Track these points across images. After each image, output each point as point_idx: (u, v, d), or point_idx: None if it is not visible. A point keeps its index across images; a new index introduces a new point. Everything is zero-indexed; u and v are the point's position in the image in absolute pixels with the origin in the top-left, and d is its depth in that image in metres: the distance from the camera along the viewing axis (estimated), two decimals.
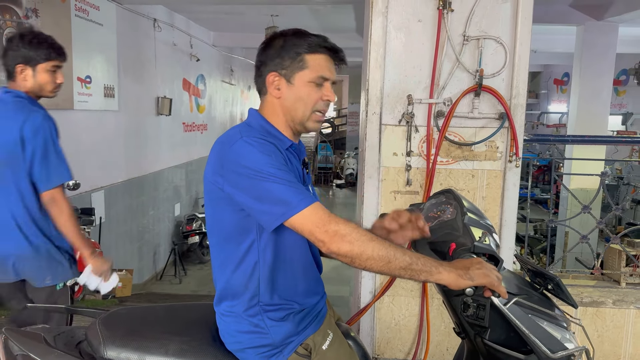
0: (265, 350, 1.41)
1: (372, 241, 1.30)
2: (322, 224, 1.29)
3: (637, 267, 3.00)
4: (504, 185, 2.74)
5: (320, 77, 1.44)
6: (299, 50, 1.44)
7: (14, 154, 2.20)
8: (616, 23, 6.92)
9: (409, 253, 1.32)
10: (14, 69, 2.27)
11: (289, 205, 1.30)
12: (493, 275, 1.33)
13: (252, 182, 1.32)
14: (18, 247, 2.24)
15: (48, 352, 1.36)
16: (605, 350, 2.92)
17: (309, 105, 1.46)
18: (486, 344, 1.50)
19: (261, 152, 1.34)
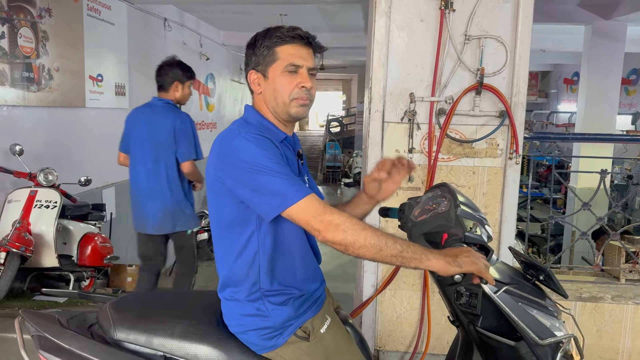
0: (266, 332, 1.49)
1: (364, 230, 1.37)
2: (317, 214, 1.37)
3: (637, 263, 3.04)
4: (504, 182, 2.79)
5: (290, 65, 1.51)
6: (269, 44, 1.53)
7: (169, 139, 3.33)
8: (624, 22, 6.91)
9: (400, 241, 1.39)
10: (170, 84, 3.40)
11: (286, 197, 1.37)
12: (480, 263, 1.39)
13: (251, 175, 1.39)
14: (167, 203, 3.46)
15: (62, 333, 1.45)
16: (603, 345, 2.96)
17: (285, 95, 1.52)
18: (479, 332, 1.57)
19: (258, 147, 1.42)
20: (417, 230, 1.63)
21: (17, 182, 4.26)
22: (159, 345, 1.47)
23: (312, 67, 1.55)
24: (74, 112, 5.16)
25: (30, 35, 4.46)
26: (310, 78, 1.54)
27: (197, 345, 1.48)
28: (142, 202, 3.59)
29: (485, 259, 1.44)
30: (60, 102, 4.90)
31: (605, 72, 7.08)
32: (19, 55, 4.33)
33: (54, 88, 4.78)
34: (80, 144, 5.22)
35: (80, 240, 4.63)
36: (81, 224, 4.73)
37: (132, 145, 3.52)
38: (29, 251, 3.82)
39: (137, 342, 1.47)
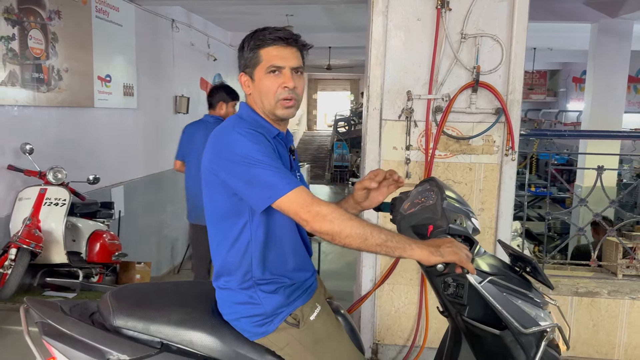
0: (258, 320, 1.55)
1: (350, 220, 1.43)
2: (305, 205, 1.43)
3: (634, 259, 3.06)
4: (500, 178, 2.83)
5: (271, 66, 1.55)
6: (253, 47, 1.58)
7: None
8: (631, 20, 6.89)
9: (385, 231, 1.44)
10: (217, 103, 3.99)
11: (276, 189, 1.43)
12: (462, 253, 1.44)
13: (244, 168, 1.46)
14: None
15: (64, 319, 1.52)
16: (600, 340, 2.99)
17: (270, 96, 1.57)
18: (465, 321, 1.62)
19: (251, 141, 1.48)
20: (405, 223, 1.68)
21: (27, 180, 4.36)
22: (156, 332, 1.54)
23: (295, 66, 1.58)
24: (83, 112, 5.25)
25: (40, 37, 4.56)
26: (295, 77, 1.59)
27: (192, 332, 1.55)
28: (196, 200, 3.96)
29: (469, 250, 1.49)
30: (70, 102, 5.00)
31: (611, 70, 7.07)
32: (29, 57, 4.43)
33: (63, 88, 4.88)
34: (89, 144, 5.32)
35: (89, 238, 4.71)
36: (90, 222, 4.81)
37: (189, 154, 4.08)
38: (39, 247, 3.91)
39: (135, 329, 1.54)
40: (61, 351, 1.47)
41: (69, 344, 1.48)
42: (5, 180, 4.27)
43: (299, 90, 1.61)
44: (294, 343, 1.55)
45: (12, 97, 4.28)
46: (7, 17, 4.18)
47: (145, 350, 1.50)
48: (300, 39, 1.60)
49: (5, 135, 4.23)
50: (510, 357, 1.60)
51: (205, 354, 1.54)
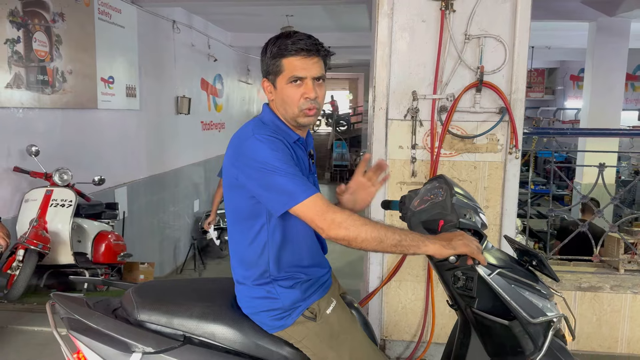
0: (276, 314, 1.61)
1: (365, 225, 1.48)
2: (321, 213, 1.48)
3: (635, 254, 3.12)
4: (504, 176, 2.88)
5: (293, 77, 1.58)
6: (276, 56, 1.59)
7: None
8: (628, 19, 6.95)
9: (398, 231, 1.50)
10: None
11: (293, 196, 1.49)
12: (473, 245, 1.50)
13: (262, 174, 1.51)
14: None
15: (90, 314, 1.57)
16: (603, 334, 3.05)
17: (293, 106, 1.60)
18: (475, 313, 1.67)
19: (270, 148, 1.52)
20: (416, 219, 1.74)
21: (33, 182, 4.40)
22: (179, 325, 1.60)
23: (317, 75, 1.60)
24: (86, 114, 5.30)
25: (45, 39, 4.60)
26: (317, 86, 1.61)
27: (214, 325, 1.60)
28: None
29: (479, 242, 1.55)
30: (74, 104, 5.04)
31: (609, 68, 7.14)
32: (33, 59, 4.47)
33: (67, 90, 4.92)
34: (92, 145, 5.36)
35: (94, 238, 4.76)
36: (95, 223, 4.86)
37: None
38: (46, 248, 3.95)
39: (159, 323, 1.60)
40: (88, 345, 1.52)
41: (95, 337, 1.53)
42: (11, 182, 4.32)
43: (321, 99, 1.63)
44: (311, 336, 1.61)
45: (18, 99, 4.32)
46: (12, 20, 4.22)
47: (169, 343, 1.55)
48: (322, 47, 1.61)
49: (11, 137, 4.27)
50: (518, 346, 1.65)
51: (227, 346, 1.60)
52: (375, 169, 1.82)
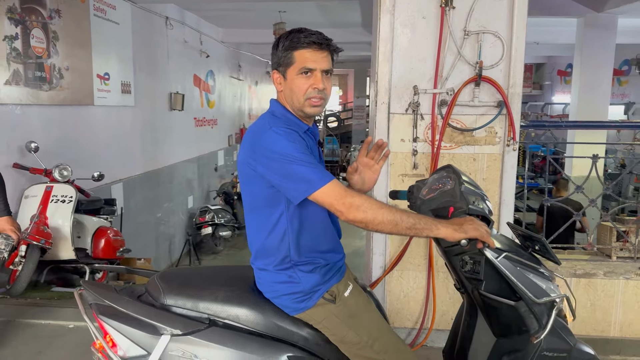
0: (297, 297, 1.69)
1: (381, 208, 1.57)
2: (340, 197, 1.56)
3: (627, 242, 3.24)
4: (502, 167, 2.98)
5: (304, 68, 1.67)
6: (288, 49, 1.69)
7: None
8: (615, 15, 7.08)
9: (412, 215, 1.60)
10: None
11: (312, 183, 1.57)
12: (482, 229, 1.60)
13: (281, 164, 1.59)
14: None
15: (119, 299, 1.64)
16: (597, 318, 3.17)
17: (300, 95, 1.69)
18: (482, 295, 1.77)
19: (287, 140, 1.61)
20: (425, 207, 1.82)
21: (31, 178, 4.42)
22: (205, 309, 1.68)
23: (326, 68, 1.70)
24: (83, 110, 5.31)
25: (42, 36, 4.61)
26: (325, 78, 1.70)
27: (237, 308, 1.69)
28: None
29: (486, 226, 1.64)
30: (71, 100, 5.06)
31: (597, 63, 7.27)
32: (31, 56, 4.49)
33: (64, 87, 4.94)
34: (89, 141, 5.38)
35: (93, 234, 4.79)
36: (94, 218, 4.89)
37: None
38: (49, 243, 3.98)
39: (185, 307, 1.67)
40: (117, 329, 1.59)
41: (124, 321, 1.60)
42: (10, 178, 4.32)
43: (328, 91, 1.72)
44: (330, 317, 1.69)
45: (17, 96, 4.34)
46: (10, 17, 4.23)
47: (195, 326, 1.63)
48: (332, 43, 1.71)
49: (9, 134, 4.29)
50: (523, 326, 1.76)
51: (250, 327, 1.68)
52: (376, 148, 1.92)
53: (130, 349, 1.60)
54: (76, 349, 3.09)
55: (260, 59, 12.52)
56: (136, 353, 1.60)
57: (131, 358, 1.60)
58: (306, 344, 1.72)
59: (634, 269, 3.15)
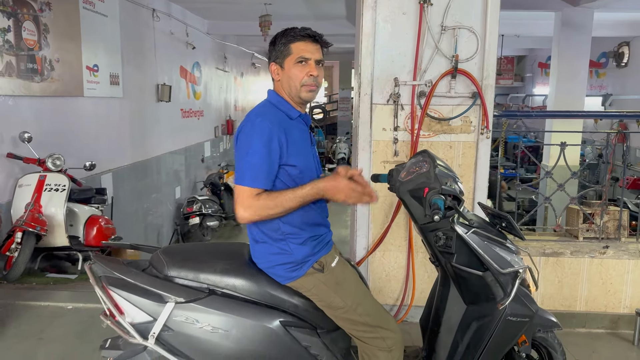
0: (290, 266, 1.89)
1: (268, 210, 1.79)
2: (241, 202, 1.80)
3: (592, 223, 3.47)
4: (477, 154, 3.19)
5: (300, 57, 1.88)
6: (285, 42, 1.92)
7: None
8: (591, 9, 7.31)
9: (293, 195, 1.81)
10: None
11: (240, 177, 1.82)
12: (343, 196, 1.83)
13: (243, 150, 1.83)
14: None
15: (128, 271, 1.82)
16: (564, 294, 3.41)
17: (297, 81, 1.91)
18: (454, 267, 1.98)
19: (260, 131, 1.81)
20: (404, 188, 2.02)
21: (25, 167, 4.53)
22: (205, 279, 1.86)
23: (319, 59, 1.92)
24: (73, 102, 5.41)
25: (33, 28, 4.70)
26: (318, 68, 1.92)
27: (235, 278, 1.87)
28: None
29: (458, 204, 1.85)
30: (62, 91, 5.15)
31: (574, 56, 7.50)
32: (23, 48, 4.58)
33: (55, 78, 5.03)
34: (79, 132, 5.48)
35: (85, 222, 4.91)
36: (85, 207, 5.00)
37: None
38: (44, 230, 4.11)
39: (187, 278, 1.86)
40: (125, 298, 1.77)
41: (132, 291, 1.77)
42: (4, 167, 4.43)
43: (320, 79, 1.94)
44: (319, 285, 1.89)
45: (9, 87, 4.42)
46: (2, 10, 4.31)
47: (197, 294, 1.81)
48: (323, 38, 1.94)
49: (3, 125, 4.38)
50: (490, 294, 1.97)
51: (246, 296, 1.87)
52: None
53: (137, 315, 1.78)
54: (76, 327, 3.25)
55: (245, 50, 12.59)
56: (143, 319, 1.78)
57: (139, 324, 1.78)
58: (296, 310, 1.92)
59: (598, 248, 3.39)
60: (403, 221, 3.28)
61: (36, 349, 3.00)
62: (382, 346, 1.90)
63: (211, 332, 1.80)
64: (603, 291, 3.41)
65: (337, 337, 1.98)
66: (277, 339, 1.85)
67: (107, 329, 1.85)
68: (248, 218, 1.79)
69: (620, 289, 3.40)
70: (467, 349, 2.07)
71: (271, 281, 1.90)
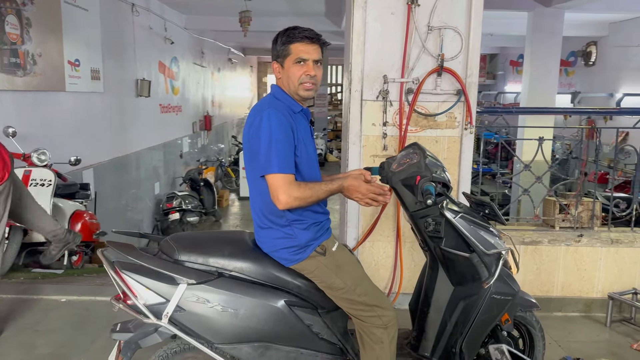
0: (294, 250, 2.01)
1: (309, 198, 1.92)
2: (283, 189, 1.90)
3: (568, 214, 3.68)
4: (461, 148, 3.35)
5: (299, 58, 2.00)
6: (286, 42, 2.03)
7: None
8: (562, 9, 7.59)
9: (326, 186, 1.96)
10: None
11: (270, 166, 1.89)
12: (359, 195, 2.00)
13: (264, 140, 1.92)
14: None
15: (141, 256, 1.91)
16: (542, 280, 3.61)
17: (295, 80, 2.03)
18: (442, 250, 2.15)
19: (278, 121, 1.90)
20: (396, 178, 2.17)
21: None
22: (214, 263, 1.98)
23: (317, 59, 2.03)
24: (55, 96, 5.38)
25: (16, 22, 4.67)
26: (316, 67, 2.04)
27: (242, 262, 1.99)
28: None
29: (447, 191, 2.01)
30: (44, 86, 5.12)
31: (546, 54, 7.77)
32: (6, 42, 4.55)
33: (37, 73, 5.00)
34: (61, 127, 5.45)
35: (70, 217, 4.90)
36: (70, 202, 4.99)
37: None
38: None
39: (196, 261, 1.97)
40: (139, 281, 1.86)
41: (145, 275, 1.87)
42: None
43: (318, 77, 2.06)
44: (321, 267, 2.02)
45: None
46: None
47: (207, 277, 1.93)
48: (322, 38, 2.05)
49: None
50: (476, 274, 2.16)
51: (252, 277, 2.00)
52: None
53: (150, 297, 1.87)
54: (72, 319, 3.29)
55: (222, 45, 12.58)
56: (156, 301, 1.88)
57: (151, 305, 1.87)
58: (299, 290, 2.05)
59: (573, 237, 3.60)
60: (391, 213, 3.42)
61: (33, 340, 3.04)
62: (379, 323, 2.03)
63: (221, 311, 1.91)
64: (578, 277, 3.62)
65: (336, 316, 2.13)
66: (282, 317, 1.98)
67: (104, 319, 1.93)
68: (290, 204, 1.88)
69: (593, 274, 3.62)
70: (455, 326, 2.24)
71: (276, 264, 2.03)
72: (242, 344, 1.95)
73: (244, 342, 1.96)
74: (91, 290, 3.72)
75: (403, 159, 2.24)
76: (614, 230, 3.73)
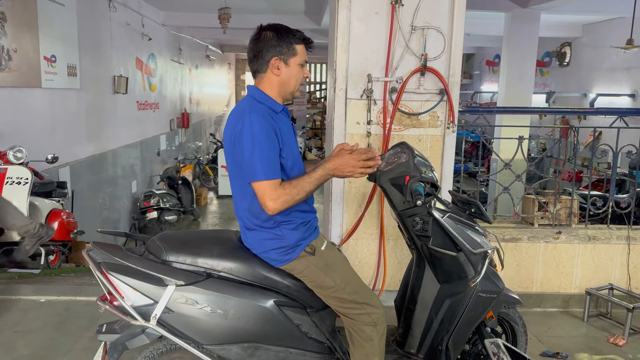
0: (283, 250, 2.01)
1: (296, 195, 1.90)
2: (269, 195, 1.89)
3: (547, 211, 3.76)
4: (443, 147, 3.39)
5: (304, 61, 2.05)
6: (291, 41, 2.01)
7: None
8: (539, 10, 7.73)
9: (312, 178, 1.93)
10: None
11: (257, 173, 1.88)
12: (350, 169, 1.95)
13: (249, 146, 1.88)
14: None
15: (128, 256, 1.88)
16: (522, 276, 3.68)
17: (297, 82, 2.06)
18: (430, 249, 2.17)
19: (260, 126, 1.87)
20: (384, 177, 2.18)
21: None
22: (202, 263, 1.96)
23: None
24: (31, 93, 5.27)
25: None
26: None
27: (231, 262, 1.98)
28: None
29: (435, 190, 2.05)
30: (20, 82, 5.01)
31: (522, 55, 7.91)
32: None
33: (13, 69, 4.89)
34: (37, 124, 5.34)
35: (47, 216, 4.81)
36: (46, 201, 4.90)
37: None
38: None
39: (185, 262, 1.95)
40: (126, 282, 1.84)
41: (133, 276, 1.84)
42: None
43: None
44: (310, 267, 2.02)
45: None
46: None
47: (195, 277, 1.91)
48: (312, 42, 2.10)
49: None
50: (463, 272, 2.19)
51: (241, 278, 1.99)
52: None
53: (138, 299, 1.85)
54: (52, 319, 3.23)
55: (200, 42, 12.45)
56: (144, 302, 1.85)
57: (139, 306, 1.85)
58: (289, 291, 2.05)
59: (552, 234, 3.69)
60: (375, 211, 3.45)
61: (13, 341, 2.97)
62: (368, 321, 2.05)
63: (210, 312, 1.90)
64: (556, 273, 3.71)
65: (325, 315, 2.13)
66: (271, 317, 1.98)
67: (85, 319, 1.90)
68: (279, 208, 1.87)
69: (571, 271, 3.71)
70: (441, 324, 2.27)
71: (265, 264, 2.02)
72: (232, 345, 1.95)
73: (233, 342, 1.95)
74: (71, 290, 3.66)
75: (391, 158, 2.26)
76: (590, 227, 3.82)
